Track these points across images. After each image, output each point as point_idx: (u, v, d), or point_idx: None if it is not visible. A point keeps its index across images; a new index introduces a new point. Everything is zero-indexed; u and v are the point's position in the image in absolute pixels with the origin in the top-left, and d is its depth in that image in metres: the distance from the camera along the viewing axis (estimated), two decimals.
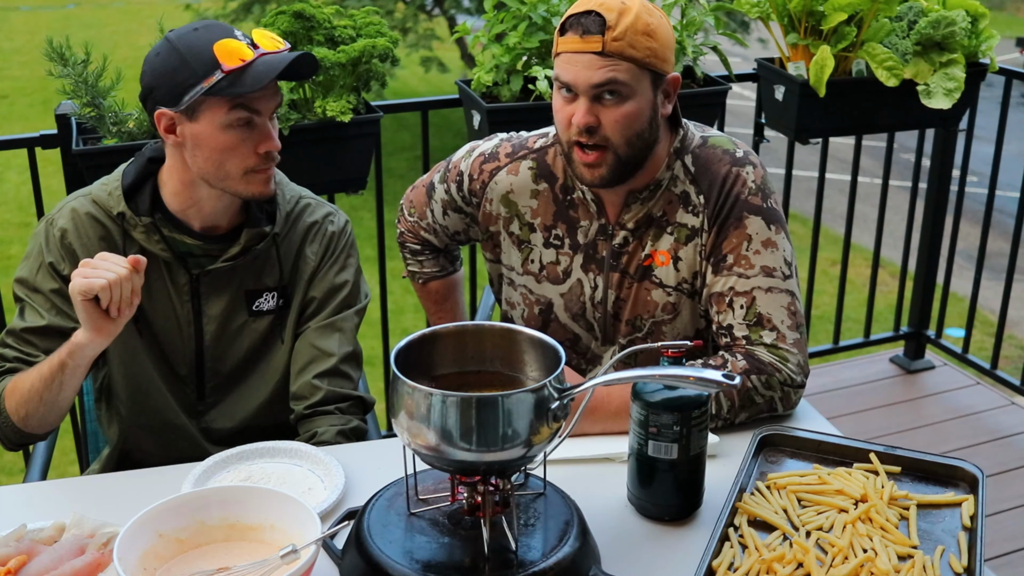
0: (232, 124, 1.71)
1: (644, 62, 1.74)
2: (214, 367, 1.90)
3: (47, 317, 1.81)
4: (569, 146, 1.82)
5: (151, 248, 1.81)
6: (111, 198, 1.81)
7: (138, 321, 1.84)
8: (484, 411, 1.31)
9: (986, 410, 3.62)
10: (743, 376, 1.75)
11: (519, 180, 1.97)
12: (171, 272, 1.84)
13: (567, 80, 1.76)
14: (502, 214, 1.99)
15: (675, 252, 1.89)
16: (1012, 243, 3.54)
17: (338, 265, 1.94)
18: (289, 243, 1.90)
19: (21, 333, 1.81)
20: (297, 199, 1.94)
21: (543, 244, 1.97)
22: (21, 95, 12.16)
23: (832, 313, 4.03)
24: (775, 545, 1.45)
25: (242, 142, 1.73)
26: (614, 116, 1.76)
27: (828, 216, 6.09)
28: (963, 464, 1.61)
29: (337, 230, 1.95)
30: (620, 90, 1.74)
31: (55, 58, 2.43)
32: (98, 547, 1.44)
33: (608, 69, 1.73)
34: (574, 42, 1.74)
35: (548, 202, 1.96)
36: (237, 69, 1.67)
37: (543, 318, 2.01)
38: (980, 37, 3.19)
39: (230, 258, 1.84)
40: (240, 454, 1.70)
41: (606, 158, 1.79)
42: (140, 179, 1.83)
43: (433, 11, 10.95)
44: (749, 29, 9.89)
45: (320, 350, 1.89)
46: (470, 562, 1.37)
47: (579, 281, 1.96)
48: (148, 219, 1.80)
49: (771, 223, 1.86)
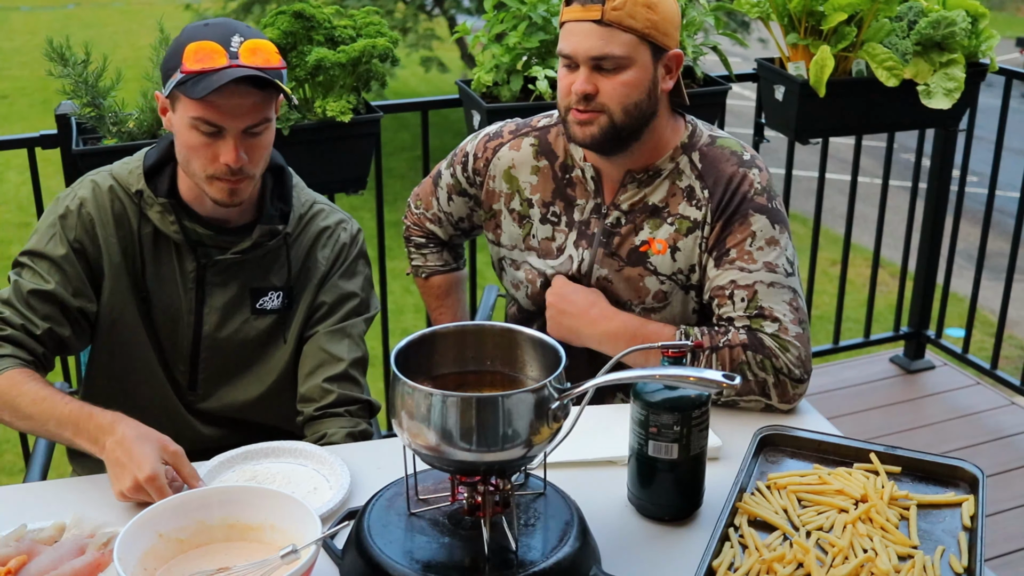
0: (195, 126, 1.73)
1: (643, 33, 1.77)
2: (209, 358, 1.91)
3: (52, 284, 1.81)
4: (567, 111, 1.85)
5: (165, 229, 1.83)
6: (131, 176, 1.85)
7: (145, 301, 1.86)
8: (484, 411, 1.31)
9: (986, 410, 3.62)
10: (739, 348, 1.77)
11: (520, 156, 2.01)
12: (180, 258, 1.86)
13: (567, 52, 1.80)
14: (503, 191, 2.02)
15: (674, 242, 1.90)
16: (1012, 243, 3.54)
17: (349, 272, 1.95)
18: (300, 245, 1.92)
19: (26, 297, 1.80)
20: (311, 203, 1.96)
21: (539, 220, 2.00)
22: (21, 95, 12.16)
23: (832, 313, 4.03)
24: (775, 545, 1.45)
25: (205, 146, 1.75)
26: (612, 84, 1.79)
27: (828, 216, 6.10)
28: (963, 464, 1.61)
29: (349, 238, 1.97)
30: (619, 60, 1.77)
31: (55, 58, 2.43)
32: (98, 547, 1.44)
33: (607, 39, 1.76)
34: (575, 11, 1.79)
35: (548, 179, 1.99)
36: (195, 73, 1.69)
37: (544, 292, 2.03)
38: (980, 37, 3.19)
39: (239, 251, 1.85)
40: (245, 454, 1.70)
41: (599, 119, 1.82)
42: (161, 162, 1.85)
43: (433, 11, 10.94)
44: (749, 29, 9.88)
45: (330, 354, 1.90)
46: (470, 562, 1.37)
47: (570, 257, 1.98)
48: (165, 200, 1.82)
49: (775, 223, 1.87)
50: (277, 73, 1.74)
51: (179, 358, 1.91)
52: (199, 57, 1.69)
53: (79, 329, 1.86)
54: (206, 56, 1.69)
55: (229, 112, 1.72)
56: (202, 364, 1.91)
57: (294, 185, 1.94)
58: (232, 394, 1.93)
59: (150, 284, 1.86)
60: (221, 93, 1.68)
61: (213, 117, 1.72)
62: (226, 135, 1.74)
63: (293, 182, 1.94)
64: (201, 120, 1.72)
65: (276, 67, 1.74)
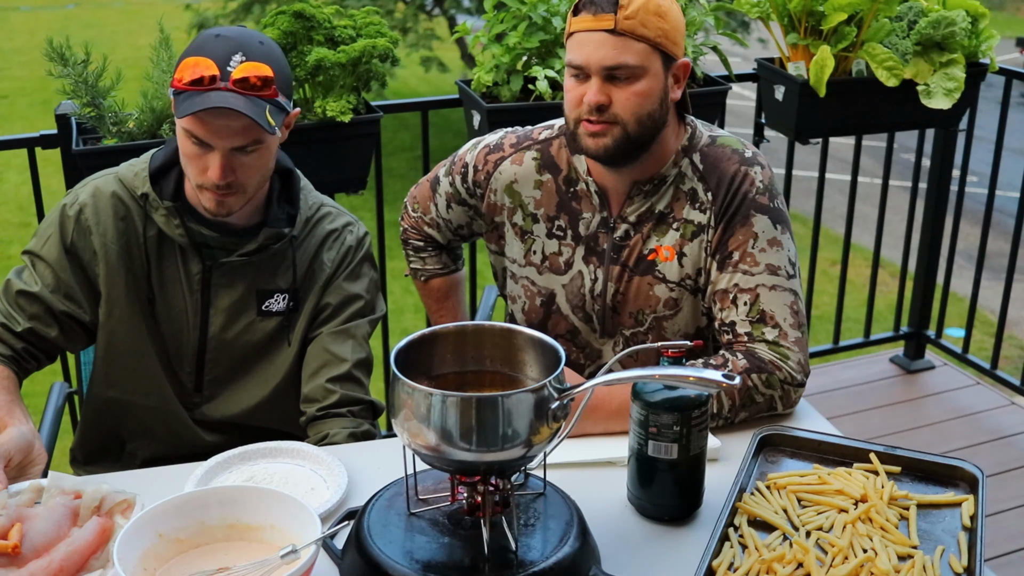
0: (186, 136, 1.74)
1: (655, 42, 1.76)
2: (215, 359, 1.91)
3: (39, 287, 1.84)
4: (576, 123, 1.82)
5: (170, 232, 1.84)
6: (137, 179, 1.85)
7: (151, 303, 1.86)
8: (484, 411, 1.31)
9: (986, 410, 3.62)
10: (743, 375, 1.75)
11: (523, 170, 1.98)
12: (185, 260, 1.86)
13: (579, 62, 1.78)
14: (506, 204, 2.00)
15: (680, 248, 1.90)
16: (1012, 243, 3.54)
17: (354, 275, 1.95)
18: (305, 248, 1.92)
19: (15, 295, 1.84)
20: (318, 206, 1.96)
21: (546, 235, 1.98)
22: (21, 95, 12.15)
23: (832, 313, 4.03)
24: (775, 545, 1.45)
25: (196, 157, 1.76)
26: (625, 95, 1.77)
27: (828, 216, 6.09)
28: (963, 464, 1.61)
29: (355, 240, 1.96)
30: (633, 70, 1.76)
31: (55, 58, 2.43)
32: (91, 510, 1.45)
33: (620, 48, 1.74)
34: (587, 21, 1.76)
35: (551, 193, 1.97)
36: (182, 88, 1.70)
37: (545, 310, 2.02)
38: (980, 37, 3.19)
39: (245, 254, 1.85)
40: (243, 454, 1.70)
41: (613, 131, 1.79)
42: (168, 164, 1.86)
43: (433, 11, 10.94)
44: (749, 29, 9.89)
45: (334, 355, 1.90)
46: (470, 562, 1.37)
47: (580, 273, 1.96)
48: (170, 203, 1.82)
49: (777, 223, 1.87)
50: (264, 102, 1.71)
51: (185, 360, 1.91)
52: (191, 73, 1.69)
53: (69, 331, 1.87)
54: (196, 75, 1.69)
55: (216, 132, 1.72)
56: (208, 366, 1.91)
57: (302, 188, 1.94)
58: (236, 397, 1.93)
59: (155, 286, 1.87)
60: (208, 112, 1.68)
61: (200, 134, 1.72)
62: (214, 151, 1.74)
63: (301, 185, 1.94)
64: (189, 133, 1.73)
65: (264, 95, 1.71)
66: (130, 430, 1.95)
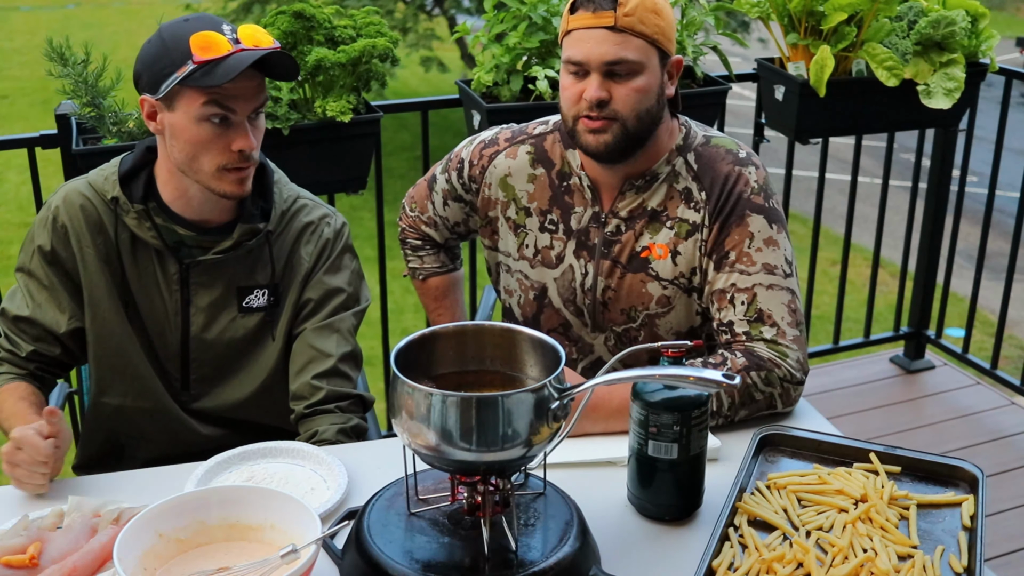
0: (205, 118, 1.72)
1: (653, 38, 1.78)
2: (199, 358, 1.91)
3: (30, 308, 1.85)
4: (575, 120, 1.83)
5: (142, 235, 1.83)
6: (107, 183, 1.84)
7: (128, 307, 1.86)
8: (484, 411, 1.31)
9: (986, 410, 3.62)
10: (742, 373, 1.76)
11: (517, 164, 2.00)
12: (162, 261, 1.86)
13: (579, 58, 1.79)
14: (500, 198, 2.02)
15: (674, 246, 1.90)
16: (1012, 243, 3.54)
17: (334, 268, 1.94)
18: (282, 242, 1.91)
19: (12, 321, 1.87)
20: (294, 199, 1.94)
21: (539, 228, 1.99)
22: (21, 95, 12.16)
23: (832, 313, 4.03)
24: (775, 545, 1.45)
25: (216, 137, 1.74)
26: (625, 91, 1.79)
27: (828, 216, 6.09)
28: (963, 464, 1.61)
29: (333, 233, 1.95)
30: (632, 65, 1.78)
31: (55, 58, 2.43)
32: (109, 523, 1.45)
33: (620, 44, 1.76)
34: (586, 18, 1.78)
35: (544, 187, 1.98)
36: (210, 61, 1.68)
37: (537, 304, 2.03)
38: (980, 37, 3.19)
39: (221, 251, 1.85)
40: (242, 454, 1.70)
41: (613, 127, 1.81)
42: (137, 167, 1.85)
43: (433, 11, 10.94)
44: (749, 29, 9.89)
45: (318, 351, 1.90)
46: (470, 562, 1.37)
47: (571, 267, 1.97)
48: (140, 206, 1.81)
49: (773, 222, 1.87)
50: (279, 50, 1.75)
51: (170, 360, 1.91)
52: (206, 47, 1.68)
53: (72, 345, 1.89)
54: (212, 45, 1.69)
55: (241, 96, 1.73)
56: (193, 364, 1.91)
57: (276, 181, 1.92)
58: (225, 393, 1.93)
59: (133, 288, 1.86)
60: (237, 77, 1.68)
61: (231, 104, 1.72)
62: (236, 121, 1.74)
63: (275, 178, 1.93)
64: (215, 104, 1.71)
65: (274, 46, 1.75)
66: (128, 435, 1.96)
